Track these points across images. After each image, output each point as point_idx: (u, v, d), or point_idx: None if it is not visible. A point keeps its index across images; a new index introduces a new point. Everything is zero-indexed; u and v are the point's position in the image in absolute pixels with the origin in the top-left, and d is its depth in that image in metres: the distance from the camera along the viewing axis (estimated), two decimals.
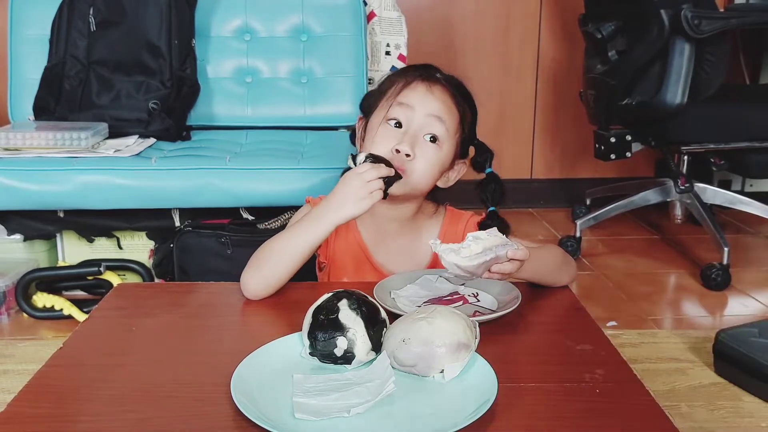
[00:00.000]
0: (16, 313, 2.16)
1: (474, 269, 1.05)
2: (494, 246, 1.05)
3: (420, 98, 1.23)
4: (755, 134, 2.49)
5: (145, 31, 2.29)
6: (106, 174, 2.00)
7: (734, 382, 1.74)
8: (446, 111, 1.24)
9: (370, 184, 1.13)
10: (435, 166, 1.24)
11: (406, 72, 1.30)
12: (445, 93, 1.25)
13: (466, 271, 1.05)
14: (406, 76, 1.27)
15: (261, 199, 2.06)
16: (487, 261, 1.05)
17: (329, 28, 2.46)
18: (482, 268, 1.06)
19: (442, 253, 1.04)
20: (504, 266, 1.07)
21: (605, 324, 2.08)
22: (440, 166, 1.26)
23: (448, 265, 1.04)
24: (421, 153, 1.22)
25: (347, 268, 1.33)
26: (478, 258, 1.04)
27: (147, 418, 0.85)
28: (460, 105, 1.27)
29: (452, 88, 1.27)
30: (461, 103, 1.28)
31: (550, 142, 3.27)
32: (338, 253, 1.32)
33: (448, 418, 0.81)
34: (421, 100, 1.23)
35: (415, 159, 1.21)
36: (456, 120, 1.26)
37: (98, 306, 1.18)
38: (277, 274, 1.17)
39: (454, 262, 1.03)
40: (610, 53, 2.54)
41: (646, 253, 2.73)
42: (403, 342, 0.91)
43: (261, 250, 1.20)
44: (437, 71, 1.30)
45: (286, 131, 2.39)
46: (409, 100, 1.23)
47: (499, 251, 1.05)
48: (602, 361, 0.97)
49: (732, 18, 2.33)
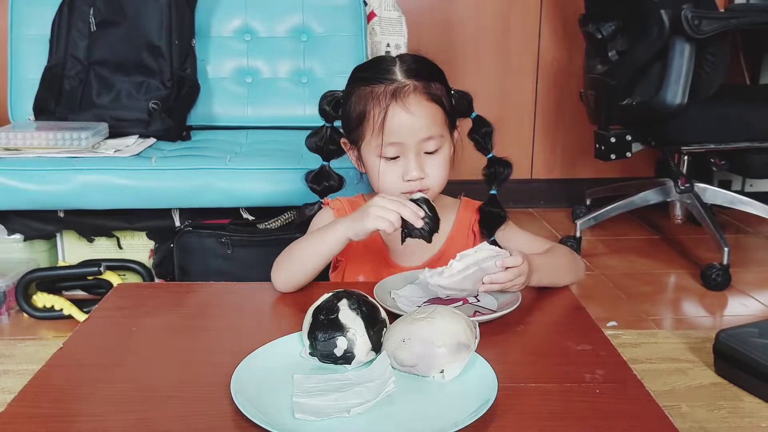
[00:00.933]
0: (16, 313, 2.16)
1: (458, 284, 1.08)
2: (480, 260, 1.08)
3: (406, 129, 1.22)
4: (755, 134, 2.49)
5: (145, 31, 2.29)
6: (106, 174, 2.00)
7: (734, 382, 1.74)
8: (432, 122, 1.23)
9: (385, 210, 1.13)
10: (445, 167, 1.27)
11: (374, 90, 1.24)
12: (420, 101, 1.22)
13: (453, 289, 1.08)
14: (378, 100, 1.22)
15: (261, 199, 2.06)
16: (469, 275, 1.07)
17: (329, 28, 2.46)
18: (468, 282, 1.08)
19: (429, 279, 1.08)
20: (498, 276, 1.09)
21: (605, 324, 2.08)
22: (449, 161, 1.28)
23: (435, 288, 1.09)
24: (429, 167, 1.24)
25: (364, 267, 1.34)
26: (460, 274, 1.07)
27: (147, 418, 0.85)
28: (436, 95, 1.24)
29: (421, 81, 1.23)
30: (435, 91, 1.25)
31: (550, 142, 3.27)
32: (358, 250, 1.33)
33: (448, 418, 0.81)
34: (408, 130, 1.22)
35: (427, 176, 1.24)
36: (441, 116, 1.25)
37: (98, 306, 1.18)
38: (299, 276, 1.21)
39: (437, 284, 1.08)
40: (610, 53, 2.54)
41: (646, 253, 2.73)
42: (403, 342, 0.91)
43: (285, 253, 1.23)
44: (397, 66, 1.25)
45: (286, 131, 2.39)
46: (397, 136, 1.22)
47: (484, 264, 1.07)
48: (602, 361, 0.97)
49: (732, 18, 2.33)
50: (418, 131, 1.22)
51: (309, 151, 1.43)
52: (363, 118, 1.25)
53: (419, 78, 1.24)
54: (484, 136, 1.36)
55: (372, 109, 1.23)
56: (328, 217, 1.33)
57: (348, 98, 1.29)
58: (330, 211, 1.34)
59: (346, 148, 1.36)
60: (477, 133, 1.36)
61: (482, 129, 1.36)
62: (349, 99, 1.29)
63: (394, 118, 1.21)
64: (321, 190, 1.43)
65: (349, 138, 1.32)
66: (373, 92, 1.24)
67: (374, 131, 1.23)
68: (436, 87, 1.25)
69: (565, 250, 1.30)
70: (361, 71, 1.31)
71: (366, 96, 1.24)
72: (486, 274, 1.08)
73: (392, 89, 1.22)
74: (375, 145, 1.23)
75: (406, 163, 1.23)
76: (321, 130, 1.39)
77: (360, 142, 1.27)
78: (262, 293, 1.22)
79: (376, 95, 1.23)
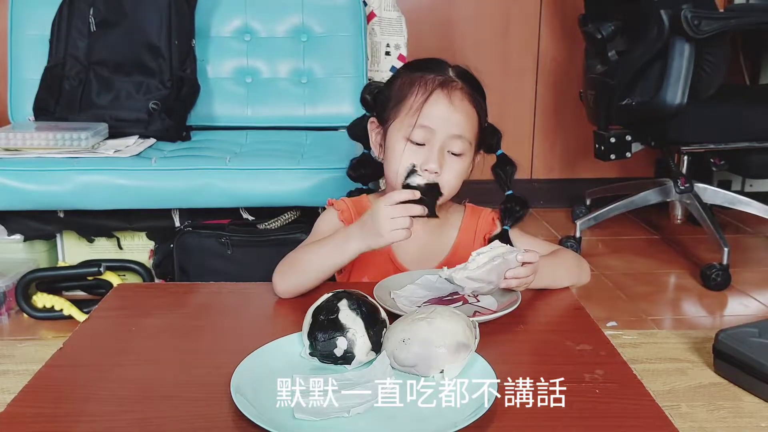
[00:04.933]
0: (16, 314, 2.16)
1: (486, 276, 1.08)
2: (501, 254, 1.09)
3: (442, 118, 1.23)
4: (755, 134, 2.49)
5: (145, 32, 2.29)
6: (106, 174, 2.00)
7: (734, 382, 1.74)
8: (467, 124, 1.26)
9: (396, 221, 1.13)
10: (461, 176, 1.28)
11: (423, 77, 1.27)
12: (464, 99, 1.26)
13: (480, 281, 1.09)
14: (425, 84, 1.25)
15: (261, 199, 2.06)
16: (496, 265, 1.08)
17: (329, 29, 2.46)
18: (494, 273, 1.09)
19: (453, 273, 1.09)
20: (518, 270, 1.10)
21: (605, 324, 2.08)
22: (465, 173, 1.29)
23: (461, 281, 1.09)
24: (447, 167, 1.25)
25: (370, 270, 1.34)
26: (486, 266, 1.08)
27: (147, 418, 0.85)
28: (478, 104, 1.28)
29: (468, 86, 1.27)
30: (478, 101, 1.28)
31: (550, 142, 3.27)
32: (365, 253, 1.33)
33: (448, 418, 0.81)
34: (443, 120, 1.23)
35: (442, 174, 1.24)
36: (475, 125, 1.28)
37: (98, 306, 1.18)
38: (304, 284, 1.20)
39: (465, 276, 1.08)
40: (610, 53, 2.54)
41: (646, 253, 2.73)
42: (403, 342, 0.92)
43: (290, 260, 1.22)
44: (450, 68, 1.30)
45: (286, 131, 2.39)
46: (431, 121, 1.23)
47: (507, 256, 1.09)
48: (602, 361, 0.97)
49: (732, 18, 2.34)
50: (453, 125, 1.24)
51: (351, 139, 1.45)
52: (403, 97, 1.26)
53: (468, 83, 1.28)
54: (507, 173, 1.37)
55: (416, 90, 1.25)
56: (332, 218, 1.33)
57: (393, 81, 1.32)
58: (334, 212, 1.34)
59: (370, 128, 1.36)
60: (501, 168, 1.37)
61: (506, 166, 1.37)
62: (395, 82, 1.31)
63: (435, 104, 1.24)
64: (356, 177, 1.47)
65: (380, 117, 1.32)
66: (422, 78, 1.26)
67: (411, 111, 1.24)
68: (479, 98, 1.28)
69: (570, 255, 1.30)
70: (413, 62, 1.35)
71: (414, 80, 1.27)
72: (508, 268, 1.09)
73: (442, 79, 1.26)
74: (407, 125, 1.24)
75: (429, 153, 1.23)
76: (363, 119, 1.40)
77: (390, 121, 1.28)
78: (262, 293, 1.22)
79: (425, 80, 1.26)
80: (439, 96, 1.24)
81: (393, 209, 1.14)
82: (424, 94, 1.24)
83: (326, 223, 1.33)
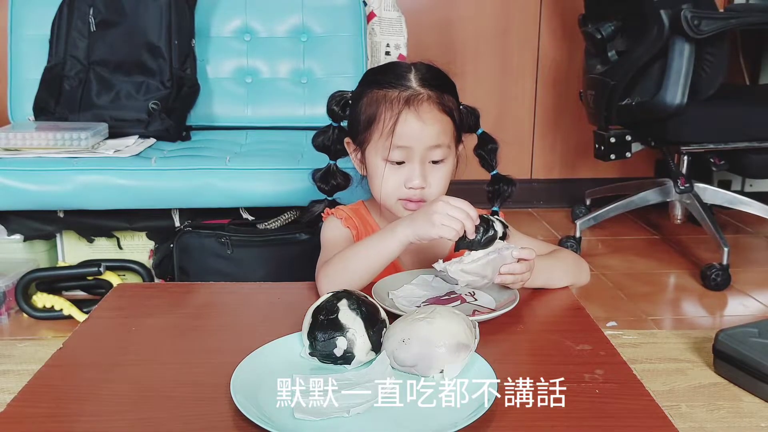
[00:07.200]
0: (16, 314, 2.16)
1: (480, 270, 1.08)
2: (497, 249, 1.09)
3: (416, 135, 1.22)
4: (755, 134, 2.49)
5: (145, 32, 2.29)
6: (106, 174, 2.00)
7: (734, 382, 1.74)
8: (442, 131, 1.24)
9: (451, 218, 1.09)
10: (447, 178, 1.27)
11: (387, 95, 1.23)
12: (432, 109, 1.23)
13: (475, 274, 1.08)
14: (391, 105, 1.22)
15: (261, 199, 2.06)
16: (492, 260, 1.08)
17: (329, 29, 2.46)
18: (489, 268, 1.09)
19: (448, 267, 1.08)
20: (514, 266, 1.10)
21: (605, 324, 2.08)
22: (451, 173, 1.28)
23: (456, 274, 1.08)
24: (432, 177, 1.24)
25: None
26: (481, 260, 1.08)
27: (147, 418, 0.85)
28: (448, 107, 1.25)
29: (435, 91, 1.24)
30: (447, 104, 1.25)
31: (550, 142, 3.27)
32: None
33: (447, 418, 0.81)
34: (417, 137, 1.22)
35: (429, 186, 1.24)
36: (450, 126, 1.26)
37: (98, 306, 1.18)
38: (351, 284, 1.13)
39: (460, 269, 1.08)
40: (610, 53, 2.54)
41: (646, 253, 2.73)
42: (403, 342, 0.92)
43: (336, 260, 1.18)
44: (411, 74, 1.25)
45: (286, 131, 2.39)
46: (406, 141, 1.22)
47: (503, 252, 1.08)
48: (602, 361, 0.97)
49: (732, 18, 2.33)
50: (427, 138, 1.22)
51: (315, 149, 1.42)
52: (373, 121, 1.24)
53: (433, 88, 1.24)
54: (489, 152, 1.37)
55: (384, 113, 1.23)
56: (337, 226, 1.32)
57: (359, 99, 1.29)
58: (337, 221, 1.33)
59: (349, 149, 1.35)
60: (482, 149, 1.37)
61: (488, 145, 1.37)
62: (360, 100, 1.28)
63: (405, 124, 1.21)
64: (329, 189, 1.44)
65: (355, 139, 1.31)
66: (386, 96, 1.24)
67: (383, 134, 1.23)
68: (448, 99, 1.26)
69: (569, 255, 1.30)
70: (374, 74, 1.31)
71: (379, 99, 1.24)
72: (503, 264, 1.09)
73: (406, 96, 1.23)
74: (382, 148, 1.23)
75: (411, 170, 1.23)
76: (328, 130, 1.38)
77: (366, 144, 1.27)
78: (262, 293, 1.22)
79: (389, 99, 1.23)
80: (408, 115, 1.21)
81: (453, 207, 1.10)
82: (392, 117, 1.22)
83: (333, 231, 1.31)
